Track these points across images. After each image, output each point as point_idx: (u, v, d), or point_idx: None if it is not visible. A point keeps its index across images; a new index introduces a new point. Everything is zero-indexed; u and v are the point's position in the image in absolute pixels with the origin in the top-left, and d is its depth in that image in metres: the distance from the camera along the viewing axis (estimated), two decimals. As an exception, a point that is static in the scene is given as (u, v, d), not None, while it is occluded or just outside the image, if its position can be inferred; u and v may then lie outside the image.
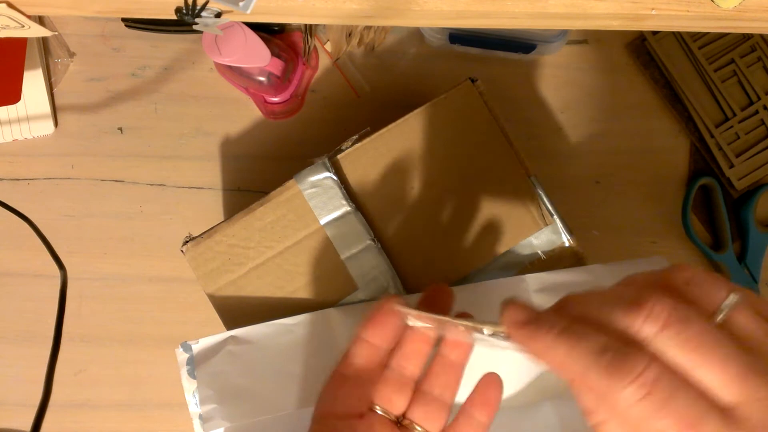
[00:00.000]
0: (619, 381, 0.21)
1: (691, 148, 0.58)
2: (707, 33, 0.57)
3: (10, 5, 0.32)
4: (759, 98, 0.57)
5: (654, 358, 0.22)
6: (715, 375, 0.22)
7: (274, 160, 0.58)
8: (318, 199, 0.46)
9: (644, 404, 0.21)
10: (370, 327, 0.36)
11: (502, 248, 0.47)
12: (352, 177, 0.47)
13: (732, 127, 0.57)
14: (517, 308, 0.26)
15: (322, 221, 0.46)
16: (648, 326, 0.22)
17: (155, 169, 0.58)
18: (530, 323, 0.25)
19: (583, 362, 0.23)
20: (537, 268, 0.46)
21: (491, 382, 0.35)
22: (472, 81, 0.48)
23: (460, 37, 0.55)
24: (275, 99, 0.56)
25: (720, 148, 0.57)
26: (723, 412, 0.21)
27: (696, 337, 0.22)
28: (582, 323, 0.24)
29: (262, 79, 0.52)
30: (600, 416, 0.24)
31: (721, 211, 0.56)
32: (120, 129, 0.59)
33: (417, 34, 0.58)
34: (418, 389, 0.36)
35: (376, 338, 0.35)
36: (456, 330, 0.33)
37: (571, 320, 0.24)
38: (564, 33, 0.55)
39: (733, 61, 0.57)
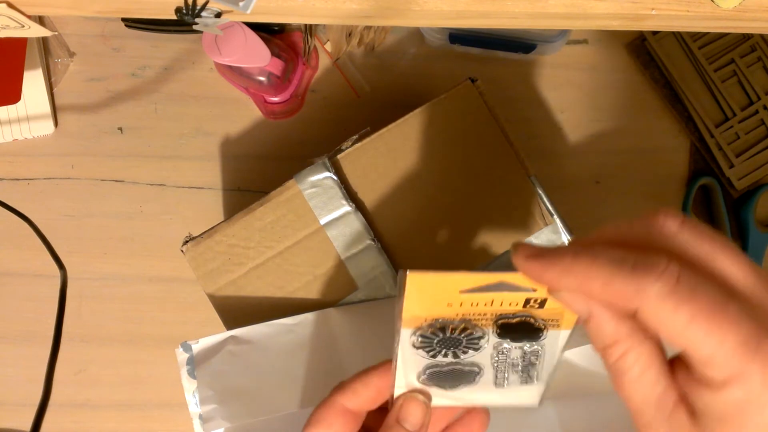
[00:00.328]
0: (646, 277, 0.22)
1: (691, 148, 0.58)
2: (707, 33, 0.57)
3: (10, 5, 0.32)
4: (759, 98, 0.57)
5: (672, 256, 0.23)
6: (732, 263, 0.23)
7: (274, 160, 0.58)
8: (318, 199, 0.46)
9: (673, 297, 0.22)
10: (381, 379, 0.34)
11: (502, 248, 0.47)
12: (352, 177, 0.47)
13: (732, 127, 0.57)
14: (528, 245, 0.26)
15: (322, 221, 0.46)
16: (669, 223, 0.24)
17: (155, 169, 0.58)
18: (544, 253, 0.25)
19: (606, 271, 0.23)
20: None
21: (478, 419, 0.34)
22: (472, 81, 0.48)
23: (460, 37, 0.55)
24: (275, 99, 0.56)
25: (720, 148, 0.57)
26: (742, 296, 0.23)
27: (710, 233, 0.24)
28: (596, 243, 0.25)
29: (262, 79, 0.52)
30: (621, 346, 0.24)
31: (721, 211, 0.56)
32: (120, 129, 0.59)
33: (417, 34, 0.58)
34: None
35: (352, 403, 0.33)
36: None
37: (584, 244, 0.25)
38: (564, 33, 0.55)
39: (733, 61, 0.57)
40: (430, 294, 0.28)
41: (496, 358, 0.31)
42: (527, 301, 0.28)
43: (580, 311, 0.25)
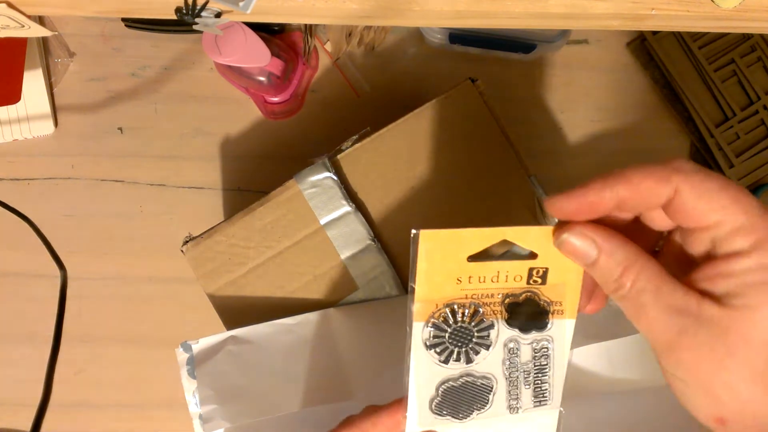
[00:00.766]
0: (679, 160, 0.26)
1: (691, 148, 0.58)
2: (707, 33, 0.57)
3: (10, 5, 0.32)
4: (759, 98, 0.57)
5: None
6: None
7: (274, 160, 0.58)
8: (318, 199, 0.46)
9: (703, 171, 0.25)
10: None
11: (501, 248, 0.47)
12: (352, 177, 0.47)
13: (732, 127, 0.57)
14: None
15: (322, 221, 0.46)
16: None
17: (155, 169, 0.58)
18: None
19: (641, 168, 0.26)
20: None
21: None
22: (472, 81, 0.48)
23: (460, 37, 0.55)
24: (275, 99, 0.56)
25: (720, 148, 0.57)
26: None
27: None
28: None
29: (262, 79, 0.52)
30: (634, 269, 0.26)
31: (721, 211, 0.56)
32: (120, 129, 0.59)
33: (417, 34, 0.58)
34: None
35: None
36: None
37: None
38: (564, 33, 0.55)
39: (733, 61, 0.57)
40: (441, 259, 0.28)
41: (508, 363, 0.31)
42: (530, 274, 0.29)
43: (588, 252, 0.27)
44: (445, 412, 0.31)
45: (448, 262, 0.29)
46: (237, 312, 0.46)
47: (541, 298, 0.30)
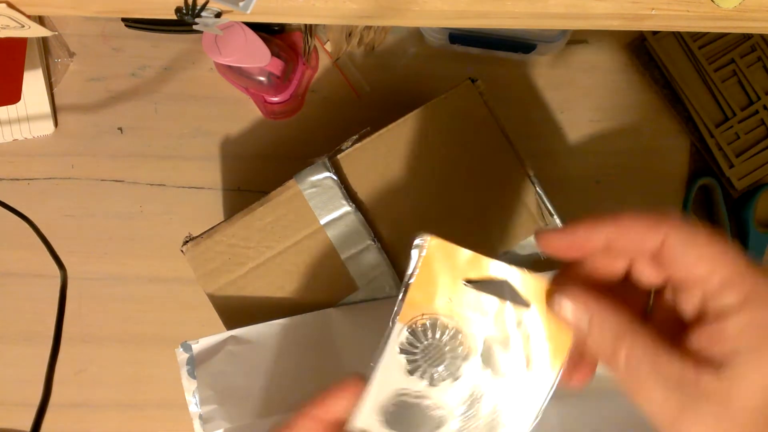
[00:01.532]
0: (667, 212, 0.26)
1: (691, 148, 0.58)
2: (707, 33, 0.57)
3: (10, 5, 0.32)
4: (759, 98, 0.57)
5: None
6: None
7: (274, 160, 0.58)
8: (318, 199, 0.46)
9: (690, 225, 0.25)
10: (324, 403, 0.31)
11: (501, 248, 0.47)
12: (352, 177, 0.47)
13: (732, 127, 0.57)
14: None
15: (322, 221, 0.46)
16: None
17: (155, 169, 0.58)
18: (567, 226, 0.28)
19: (630, 215, 0.26)
20: (537, 268, 0.46)
21: None
22: (472, 81, 0.48)
23: (460, 37, 0.55)
24: (275, 99, 0.56)
25: (720, 148, 0.56)
26: None
27: None
28: None
29: (262, 79, 0.52)
30: (628, 339, 0.26)
31: (721, 211, 0.56)
32: (120, 129, 0.59)
33: (417, 34, 0.58)
34: None
35: (328, 414, 0.31)
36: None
37: None
38: (564, 33, 0.55)
39: (733, 61, 0.57)
40: (440, 272, 0.28)
41: (468, 404, 0.29)
42: (520, 322, 0.29)
43: (580, 319, 0.27)
44: (390, 425, 0.29)
45: (445, 277, 0.29)
46: (237, 312, 0.46)
47: (523, 350, 0.29)
